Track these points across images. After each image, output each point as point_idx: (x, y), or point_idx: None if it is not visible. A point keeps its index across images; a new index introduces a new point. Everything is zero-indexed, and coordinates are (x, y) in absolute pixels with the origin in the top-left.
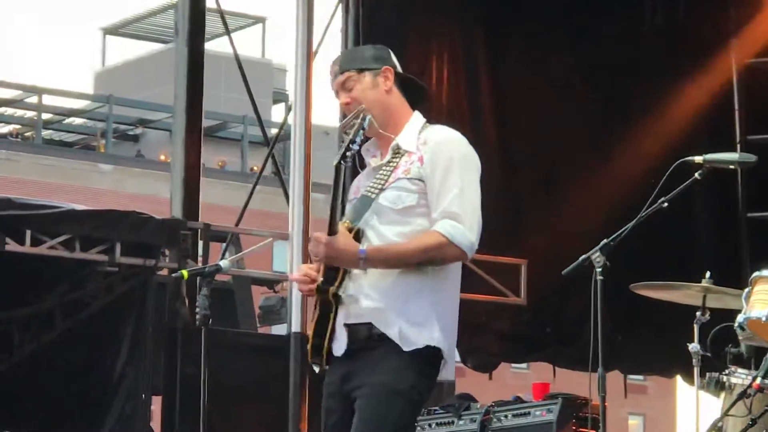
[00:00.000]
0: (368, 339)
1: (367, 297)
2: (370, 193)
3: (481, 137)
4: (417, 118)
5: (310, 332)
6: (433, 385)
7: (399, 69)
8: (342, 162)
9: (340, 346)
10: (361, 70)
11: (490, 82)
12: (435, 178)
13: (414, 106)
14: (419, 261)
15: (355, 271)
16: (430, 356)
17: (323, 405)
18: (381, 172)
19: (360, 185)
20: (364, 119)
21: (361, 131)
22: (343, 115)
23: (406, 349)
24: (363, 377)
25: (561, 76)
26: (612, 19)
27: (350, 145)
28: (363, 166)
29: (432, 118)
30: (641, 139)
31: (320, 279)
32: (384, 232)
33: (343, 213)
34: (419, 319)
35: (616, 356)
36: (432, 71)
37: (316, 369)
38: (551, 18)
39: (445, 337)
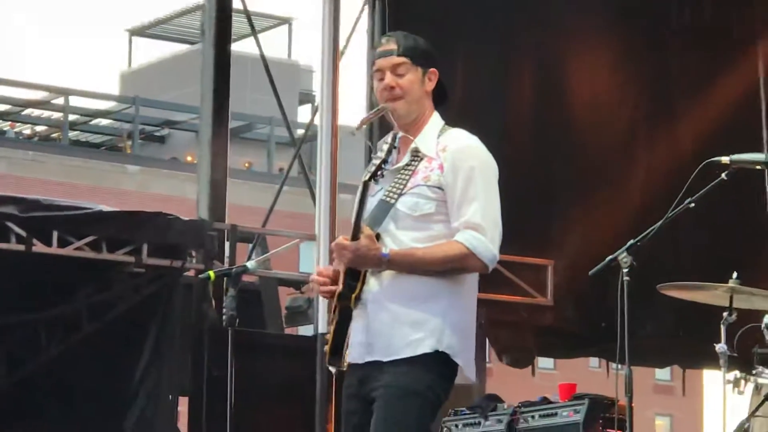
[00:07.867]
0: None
1: (383, 305)
2: (389, 198)
3: (509, 140)
4: (436, 119)
5: (328, 336)
6: (450, 387)
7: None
8: (372, 180)
9: (358, 355)
10: (416, 62)
11: (516, 86)
12: (456, 187)
13: (435, 106)
14: (440, 269)
15: (372, 281)
16: (447, 359)
17: (343, 407)
18: (399, 175)
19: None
20: (395, 138)
21: (394, 150)
22: (370, 105)
23: (420, 353)
24: (380, 379)
25: (588, 79)
26: (638, 19)
27: (382, 165)
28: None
29: (459, 121)
30: (668, 140)
31: (340, 287)
32: (401, 237)
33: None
34: (434, 324)
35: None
36: (459, 72)
37: (332, 370)
38: (578, 20)
39: (459, 341)
